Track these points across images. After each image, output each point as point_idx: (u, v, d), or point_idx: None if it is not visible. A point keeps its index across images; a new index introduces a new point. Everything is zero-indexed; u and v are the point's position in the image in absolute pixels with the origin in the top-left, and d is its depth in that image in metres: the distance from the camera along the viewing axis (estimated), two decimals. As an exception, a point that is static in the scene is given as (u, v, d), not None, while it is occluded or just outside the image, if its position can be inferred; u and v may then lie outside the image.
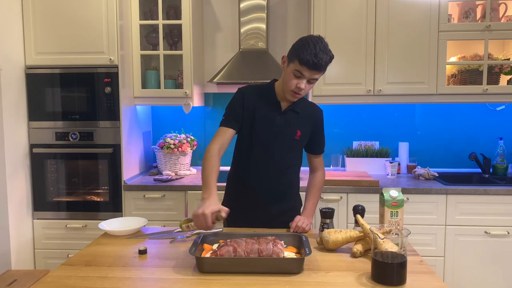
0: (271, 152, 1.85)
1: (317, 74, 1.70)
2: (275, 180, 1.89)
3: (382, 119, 3.24)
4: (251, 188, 1.89)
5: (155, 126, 3.38)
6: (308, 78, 1.70)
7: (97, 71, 2.71)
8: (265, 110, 1.84)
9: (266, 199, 1.89)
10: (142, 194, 2.75)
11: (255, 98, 1.86)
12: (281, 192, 1.91)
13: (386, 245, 1.43)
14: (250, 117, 1.84)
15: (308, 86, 1.74)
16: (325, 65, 1.69)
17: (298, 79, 1.71)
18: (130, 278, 1.34)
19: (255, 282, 1.30)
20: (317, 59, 1.64)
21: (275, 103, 1.84)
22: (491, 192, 2.60)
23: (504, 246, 2.62)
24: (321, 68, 1.68)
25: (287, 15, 3.24)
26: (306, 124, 1.89)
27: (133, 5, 2.87)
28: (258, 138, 1.85)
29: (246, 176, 1.89)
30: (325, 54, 1.67)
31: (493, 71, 2.83)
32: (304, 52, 1.65)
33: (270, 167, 1.87)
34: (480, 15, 2.87)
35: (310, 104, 1.97)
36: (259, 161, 1.87)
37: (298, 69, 1.68)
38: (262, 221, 1.86)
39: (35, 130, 2.75)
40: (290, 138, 1.86)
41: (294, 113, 1.86)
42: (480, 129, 3.19)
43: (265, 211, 1.89)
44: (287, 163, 1.90)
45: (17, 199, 2.65)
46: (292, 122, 1.85)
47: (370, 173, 3.04)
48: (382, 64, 2.83)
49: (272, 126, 1.83)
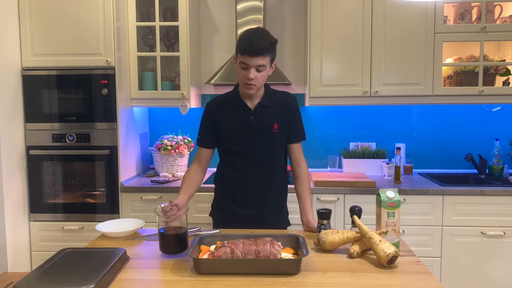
0: (253, 151, 1.88)
1: (259, 60, 1.72)
2: (261, 178, 1.91)
3: (378, 120, 3.25)
4: (238, 188, 1.92)
5: (152, 128, 3.37)
6: (253, 66, 1.73)
7: (93, 72, 2.71)
8: (235, 115, 1.88)
9: (253, 197, 1.92)
10: (139, 196, 2.75)
11: (222, 108, 1.92)
12: (268, 189, 1.93)
13: (383, 245, 1.44)
14: (222, 127, 1.90)
15: (259, 75, 1.76)
16: (264, 50, 1.71)
17: (245, 70, 1.76)
18: (127, 279, 1.34)
19: (253, 283, 1.30)
20: (252, 45, 1.69)
21: (243, 105, 1.87)
22: (487, 192, 2.61)
23: (500, 246, 2.63)
24: (259, 53, 1.71)
25: (284, 17, 3.25)
26: (281, 115, 1.90)
27: (130, 6, 2.87)
28: (237, 142, 1.89)
29: (232, 177, 1.93)
30: (261, 39, 1.71)
31: (488, 73, 2.85)
32: (241, 43, 1.74)
33: (254, 166, 1.90)
34: (475, 17, 2.88)
35: (281, 94, 1.96)
36: (243, 162, 1.90)
37: (242, 61, 1.74)
38: (250, 218, 1.90)
39: (32, 131, 2.75)
40: (268, 133, 1.88)
41: (266, 108, 1.88)
42: (476, 130, 3.21)
43: (252, 208, 1.92)
44: (271, 160, 1.92)
45: (14, 201, 2.64)
46: (266, 117, 1.87)
47: (367, 174, 3.04)
48: (379, 65, 2.84)
49: (247, 127, 1.86)
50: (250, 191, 1.92)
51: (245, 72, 1.75)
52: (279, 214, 2.01)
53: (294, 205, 2.03)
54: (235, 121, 1.88)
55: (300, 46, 3.24)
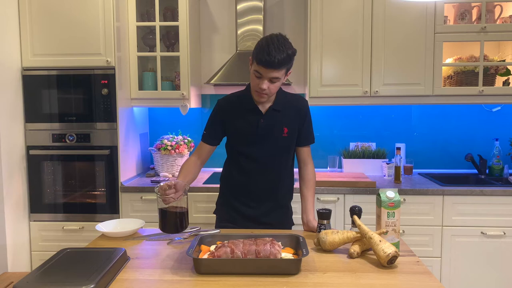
0: (261, 154, 1.87)
1: (275, 72, 1.68)
2: (268, 179, 1.91)
3: (378, 120, 3.25)
4: (244, 188, 1.92)
5: (152, 128, 3.37)
6: (268, 78, 1.70)
7: (94, 72, 2.71)
8: (246, 117, 1.86)
9: (259, 198, 1.92)
10: (139, 196, 2.75)
11: (233, 108, 1.89)
12: (273, 190, 1.93)
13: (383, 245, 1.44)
14: (231, 128, 1.89)
15: (272, 85, 1.73)
16: (281, 63, 1.66)
17: (258, 79, 1.72)
18: (128, 279, 1.34)
19: (253, 283, 1.30)
20: (270, 57, 1.64)
21: (254, 108, 1.85)
22: (487, 193, 2.61)
23: (500, 246, 2.63)
24: (276, 66, 1.66)
25: (284, 17, 3.24)
26: (291, 119, 1.89)
27: (130, 6, 2.87)
28: (246, 144, 1.88)
29: (239, 177, 1.93)
30: (280, 52, 1.64)
31: (488, 73, 2.85)
32: (259, 52, 1.67)
33: (261, 168, 1.89)
34: (475, 17, 2.88)
35: (293, 97, 1.95)
36: (251, 163, 1.89)
37: (257, 69, 1.70)
38: (255, 218, 1.91)
39: (32, 131, 2.75)
40: (277, 137, 1.87)
41: (277, 112, 1.86)
42: (476, 130, 3.21)
43: (258, 209, 1.92)
44: (279, 162, 1.92)
45: (14, 201, 2.64)
46: (277, 122, 1.86)
47: (367, 174, 3.04)
48: (379, 65, 2.84)
49: (257, 130, 1.85)
50: (256, 192, 1.91)
51: (258, 81, 1.72)
52: (284, 215, 2.01)
53: (297, 205, 2.04)
54: (245, 122, 1.86)
55: (300, 46, 3.23)
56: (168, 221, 1.58)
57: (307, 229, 1.88)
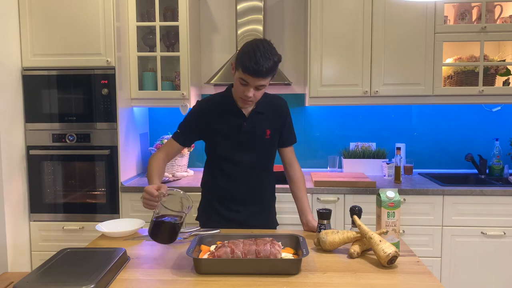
0: (244, 158, 1.85)
1: (262, 81, 1.65)
2: (252, 183, 1.90)
3: (378, 120, 3.25)
4: (228, 192, 1.90)
5: (152, 128, 3.37)
6: (254, 86, 1.66)
7: (94, 72, 2.71)
8: (228, 120, 1.83)
9: (243, 202, 1.90)
10: (139, 196, 2.74)
11: (215, 110, 1.84)
12: (257, 193, 1.93)
13: (383, 245, 1.44)
14: (212, 131, 1.84)
15: (257, 93, 1.70)
16: (268, 71, 1.62)
17: (244, 86, 1.68)
18: (128, 279, 1.34)
19: (253, 283, 1.30)
20: (257, 66, 1.59)
21: (237, 111, 1.82)
22: (487, 192, 2.61)
23: (501, 246, 2.63)
24: (264, 75, 1.62)
25: (284, 17, 3.24)
26: (273, 121, 1.87)
27: (130, 6, 2.87)
28: (228, 148, 1.85)
29: (222, 181, 1.90)
30: (267, 60, 1.60)
31: (488, 73, 2.85)
32: (246, 60, 1.60)
33: (245, 171, 1.87)
34: (476, 17, 2.88)
35: (272, 98, 1.92)
36: (234, 167, 1.87)
37: (242, 77, 1.65)
38: (239, 221, 1.89)
39: (32, 131, 2.75)
40: (260, 139, 1.85)
41: (260, 115, 1.84)
42: (476, 130, 3.21)
43: (242, 212, 1.90)
44: (262, 165, 1.91)
45: (14, 201, 2.64)
46: (259, 124, 1.84)
47: (367, 174, 3.04)
48: (379, 65, 2.84)
49: (239, 133, 1.82)
50: (241, 196, 1.90)
51: (244, 88, 1.68)
52: (267, 217, 2.00)
53: (287, 205, 2.03)
54: (227, 126, 1.83)
55: (300, 46, 3.24)
56: (156, 229, 1.51)
57: (307, 229, 1.88)
